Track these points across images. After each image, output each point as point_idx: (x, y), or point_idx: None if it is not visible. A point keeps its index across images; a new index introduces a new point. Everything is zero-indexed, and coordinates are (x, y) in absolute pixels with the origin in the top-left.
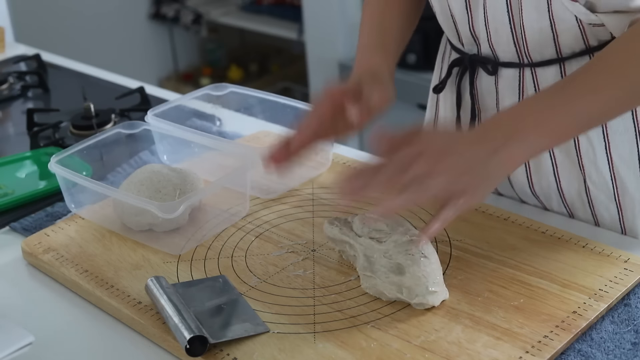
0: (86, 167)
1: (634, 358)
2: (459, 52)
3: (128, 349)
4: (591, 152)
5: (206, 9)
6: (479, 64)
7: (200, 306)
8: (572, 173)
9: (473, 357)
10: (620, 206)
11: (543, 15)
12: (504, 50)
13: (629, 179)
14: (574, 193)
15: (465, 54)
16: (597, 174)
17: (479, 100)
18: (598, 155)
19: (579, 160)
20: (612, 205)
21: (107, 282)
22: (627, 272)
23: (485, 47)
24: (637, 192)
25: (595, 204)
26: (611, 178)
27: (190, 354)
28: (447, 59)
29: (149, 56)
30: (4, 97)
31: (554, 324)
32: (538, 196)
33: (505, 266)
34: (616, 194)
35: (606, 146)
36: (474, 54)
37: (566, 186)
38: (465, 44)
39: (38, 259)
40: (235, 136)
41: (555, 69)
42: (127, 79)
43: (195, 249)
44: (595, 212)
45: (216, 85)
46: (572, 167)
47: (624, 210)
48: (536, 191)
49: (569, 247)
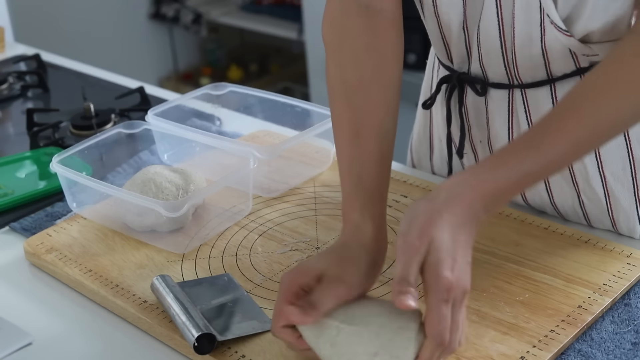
0: (86, 167)
1: (634, 358)
2: (447, 69)
3: (134, 347)
4: (584, 170)
5: (206, 9)
6: (467, 83)
7: (206, 304)
8: (565, 189)
9: (481, 352)
10: (614, 222)
11: (535, 43)
12: (494, 72)
13: (622, 195)
14: (568, 207)
15: (454, 71)
16: (591, 190)
17: (468, 118)
18: (590, 173)
19: (572, 177)
20: (607, 219)
21: (111, 282)
22: (631, 267)
23: (476, 67)
24: (631, 208)
25: (590, 217)
26: (605, 195)
27: (199, 352)
28: (436, 74)
29: (148, 56)
30: (4, 97)
31: (559, 319)
32: (533, 207)
33: (509, 262)
34: (610, 210)
35: (599, 164)
36: (462, 72)
37: (560, 201)
38: (455, 62)
39: (41, 259)
40: (235, 135)
41: (546, 89)
42: (127, 79)
43: (199, 248)
44: (590, 223)
45: (216, 85)
46: (565, 184)
47: (618, 226)
48: (530, 203)
49: (571, 242)
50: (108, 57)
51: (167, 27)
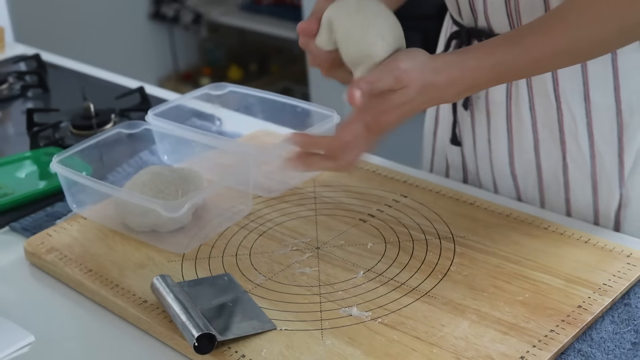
0: (86, 167)
1: (634, 358)
2: (458, 25)
3: (134, 347)
4: (573, 127)
5: (206, 9)
6: (474, 37)
7: (206, 304)
8: (553, 149)
9: (481, 352)
10: (596, 186)
11: None
12: (498, 22)
13: (607, 156)
14: (551, 172)
15: (463, 27)
16: (577, 150)
17: None
18: (580, 131)
19: (560, 135)
20: (588, 185)
21: (111, 282)
22: (630, 267)
23: (482, 20)
24: (614, 171)
25: (571, 185)
26: (590, 155)
27: (199, 352)
28: (447, 33)
29: (148, 56)
30: (4, 97)
31: (559, 319)
32: (516, 176)
33: (509, 262)
34: (594, 172)
35: (588, 122)
36: (471, 27)
37: (545, 163)
38: (464, 18)
39: (41, 259)
40: (235, 135)
41: None
42: (126, 79)
43: (199, 248)
44: (569, 195)
45: (216, 85)
46: (553, 142)
47: (599, 191)
48: (515, 169)
49: (571, 242)
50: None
51: (167, 27)
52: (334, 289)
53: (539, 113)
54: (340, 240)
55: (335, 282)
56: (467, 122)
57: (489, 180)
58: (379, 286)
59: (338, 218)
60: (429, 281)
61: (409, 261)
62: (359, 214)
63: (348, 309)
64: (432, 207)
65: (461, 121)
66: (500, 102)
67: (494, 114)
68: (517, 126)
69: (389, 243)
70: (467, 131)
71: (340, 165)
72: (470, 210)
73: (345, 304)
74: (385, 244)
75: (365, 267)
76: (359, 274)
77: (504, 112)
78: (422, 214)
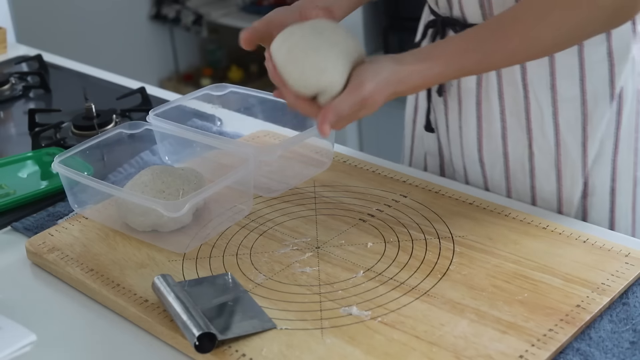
0: (88, 167)
1: (633, 357)
2: (434, 14)
3: (134, 346)
4: (540, 115)
5: (207, 10)
6: (449, 26)
7: (207, 303)
8: (520, 137)
9: (480, 351)
10: (560, 174)
11: None
12: (471, 12)
13: (572, 145)
14: (517, 160)
15: (439, 16)
16: (543, 138)
17: None
18: (545, 120)
19: (527, 123)
20: (553, 174)
21: (112, 281)
22: (629, 266)
23: (456, 10)
24: (578, 159)
25: (536, 172)
26: (555, 144)
27: (199, 351)
28: (425, 22)
29: (149, 57)
30: (6, 97)
31: (558, 318)
32: (484, 163)
33: (508, 261)
34: (558, 160)
35: (554, 111)
36: (446, 17)
37: (512, 150)
38: (441, 7)
39: (43, 259)
40: (235, 136)
41: None
42: (128, 80)
43: (200, 247)
44: (535, 182)
45: (216, 85)
46: (520, 130)
47: (563, 179)
48: (483, 156)
49: (569, 242)
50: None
51: (168, 28)
52: (333, 289)
53: (507, 101)
54: (340, 239)
55: (335, 281)
56: (441, 109)
57: (460, 167)
58: (378, 285)
59: (338, 218)
60: (429, 280)
61: (408, 261)
62: (358, 213)
63: (348, 308)
64: (431, 207)
65: (435, 108)
66: (471, 88)
67: (465, 101)
68: (487, 113)
69: (388, 243)
70: (441, 118)
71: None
72: (470, 210)
73: (345, 303)
74: (385, 244)
75: (365, 267)
76: (359, 274)
77: (474, 98)
78: (421, 213)
